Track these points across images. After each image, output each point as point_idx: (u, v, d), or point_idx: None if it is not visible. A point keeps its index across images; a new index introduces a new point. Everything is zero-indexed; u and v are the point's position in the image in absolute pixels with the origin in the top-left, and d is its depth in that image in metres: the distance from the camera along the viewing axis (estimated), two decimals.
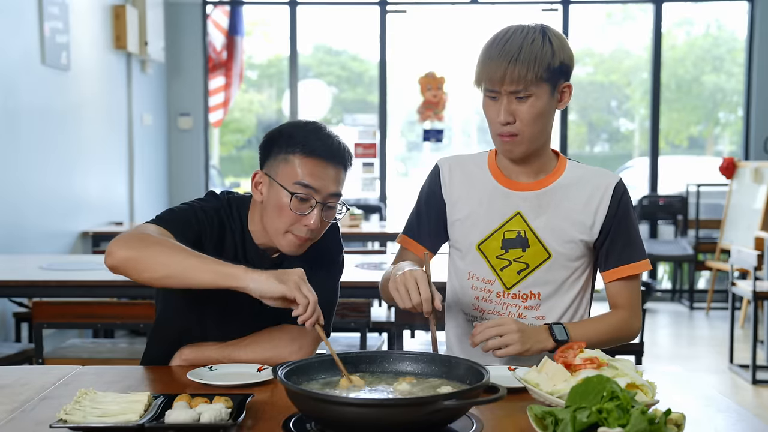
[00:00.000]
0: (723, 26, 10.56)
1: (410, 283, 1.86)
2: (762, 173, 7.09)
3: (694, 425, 1.53)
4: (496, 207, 2.13)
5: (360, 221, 6.21)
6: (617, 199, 2.10)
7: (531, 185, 2.12)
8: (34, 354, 3.38)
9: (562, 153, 2.22)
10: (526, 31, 2.00)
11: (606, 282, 2.17)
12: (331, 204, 2.02)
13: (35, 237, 5.49)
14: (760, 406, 4.80)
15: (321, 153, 1.99)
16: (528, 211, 2.11)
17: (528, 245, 2.10)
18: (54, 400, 1.73)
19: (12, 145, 5.19)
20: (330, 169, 2.00)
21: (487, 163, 2.19)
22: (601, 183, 2.11)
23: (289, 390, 1.48)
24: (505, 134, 2.03)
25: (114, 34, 6.76)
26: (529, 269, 2.10)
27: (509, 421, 1.58)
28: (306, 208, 1.98)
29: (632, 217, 2.14)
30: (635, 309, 2.17)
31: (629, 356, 3.72)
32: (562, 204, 2.10)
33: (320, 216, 1.99)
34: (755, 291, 5.16)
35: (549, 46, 1.99)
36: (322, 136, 2.02)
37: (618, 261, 2.12)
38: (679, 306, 8.09)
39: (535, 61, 1.96)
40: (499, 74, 1.97)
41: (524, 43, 1.97)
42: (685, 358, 6.10)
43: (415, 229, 2.23)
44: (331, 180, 2.00)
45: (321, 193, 1.99)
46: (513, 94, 1.99)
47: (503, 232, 2.11)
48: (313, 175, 1.98)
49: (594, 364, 1.63)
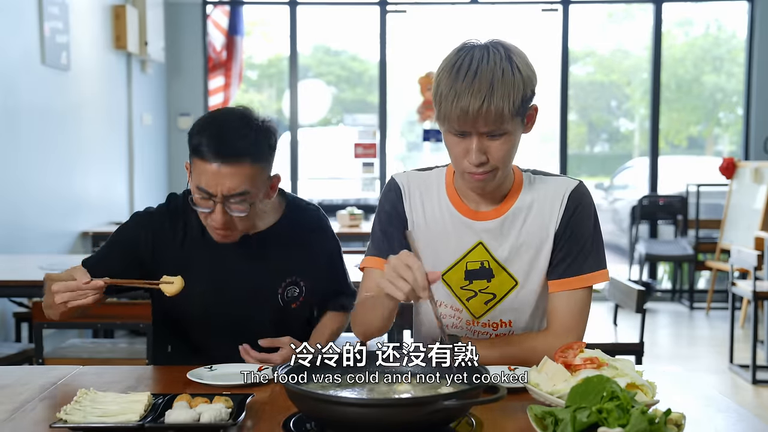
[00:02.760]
0: (723, 26, 10.55)
1: (401, 268, 1.68)
2: (762, 173, 7.09)
3: (694, 425, 1.53)
4: (456, 237, 1.99)
5: (360, 221, 6.20)
6: (573, 205, 1.97)
7: (491, 213, 1.98)
8: (34, 354, 3.38)
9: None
10: (492, 60, 1.79)
11: (549, 292, 2.00)
12: (235, 201, 2.00)
13: (35, 237, 5.49)
14: (760, 406, 4.80)
15: (209, 156, 1.97)
16: (490, 240, 1.98)
17: (492, 275, 1.98)
18: (54, 400, 1.73)
19: (12, 144, 5.19)
20: (223, 170, 1.97)
21: (445, 185, 2.03)
22: (558, 192, 1.98)
23: (289, 390, 1.48)
24: (476, 173, 1.86)
25: (114, 34, 6.76)
26: (497, 299, 2.00)
27: (509, 421, 1.58)
28: (208, 206, 2.01)
29: (589, 223, 1.98)
30: (568, 332, 1.95)
31: (629, 356, 3.73)
32: (523, 228, 1.98)
33: (223, 213, 2.00)
34: (755, 291, 5.16)
35: (519, 75, 1.80)
36: (219, 134, 1.99)
37: (566, 272, 1.97)
38: (679, 306, 8.09)
39: (509, 97, 1.78)
40: (472, 114, 1.77)
41: (495, 77, 1.77)
42: (685, 358, 6.10)
43: (385, 249, 2.01)
44: (224, 181, 1.97)
45: (218, 195, 1.99)
46: (486, 134, 1.82)
47: (465, 263, 1.99)
48: (207, 179, 1.98)
49: (594, 364, 1.63)
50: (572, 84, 8.61)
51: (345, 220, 6.14)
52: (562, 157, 8.13)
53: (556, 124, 8.17)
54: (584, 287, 1.98)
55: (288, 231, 2.21)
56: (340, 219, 6.15)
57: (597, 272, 1.98)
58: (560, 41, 8.04)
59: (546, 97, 8.22)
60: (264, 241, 2.17)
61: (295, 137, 8.22)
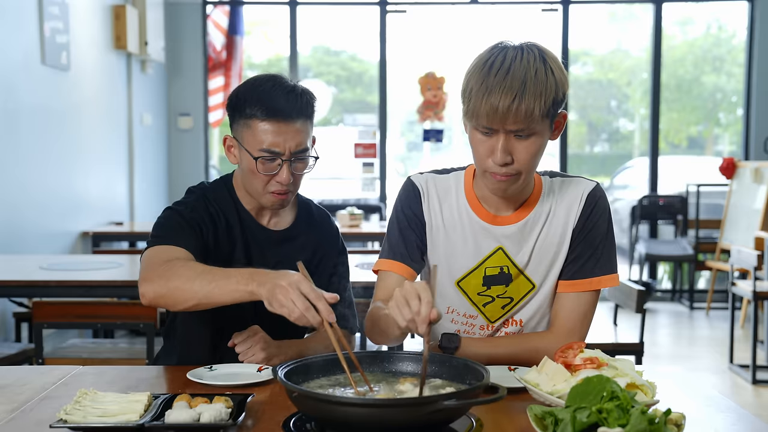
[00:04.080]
0: (723, 26, 10.56)
1: (411, 295, 1.58)
2: (762, 173, 7.09)
3: (694, 425, 1.53)
4: (475, 242, 1.97)
5: (360, 221, 6.20)
6: (590, 206, 1.95)
7: (512, 218, 1.96)
8: (34, 354, 3.38)
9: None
10: (526, 59, 1.77)
11: (558, 292, 1.99)
12: (300, 157, 2.06)
13: (35, 237, 5.49)
14: (760, 406, 4.80)
15: (277, 114, 2.01)
16: (510, 245, 1.96)
17: (511, 279, 1.96)
18: (54, 400, 1.73)
19: (12, 144, 5.19)
20: (290, 127, 2.03)
21: (464, 189, 2.01)
22: (576, 195, 1.96)
23: (289, 390, 1.48)
24: (500, 174, 1.83)
25: (114, 34, 6.76)
26: (514, 302, 1.98)
27: (509, 421, 1.57)
28: (274, 167, 2.04)
29: (603, 226, 1.96)
30: (570, 333, 1.95)
31: (629, 356, 3.73)
32: (542, 232, 1.96)
33: (289, 171, 2.04)
34: (755, 291, 5.16)
35: (552, 77, 1.78)
36: (275, 94, 2.03)
37: (576, 273, 1.96)
38: (679, 306, 8.09)
39: (541, 97, 1.75)
40: (502, 111, 1.74)
41: (528, 76, 1.75)
42: (685, 358, 6.10)
43: (403, 251, 1.99)
44: (292, 137, 2.03)
45: (285, 153, 2.03)
46: (513, 133, 1.79)
47: (484, 268, 1.96)
48: (274, 138, 2.02)
49: (594, 364, 1.63)
50: (572, 84, 8.60)
51: (345, 220, 6.14)
52: (562, 156, 8.12)
53: None
54: (592, 290, 1.97)
55: (302, 231, 2.23)
56: (340, 219, 6.16)
57: (607, 276, 1.97)
58: (560, 41, 8.04)
59: None
60: (283, 240, 2.19)
61: None
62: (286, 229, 2.21)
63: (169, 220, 2.07)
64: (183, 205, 2.11)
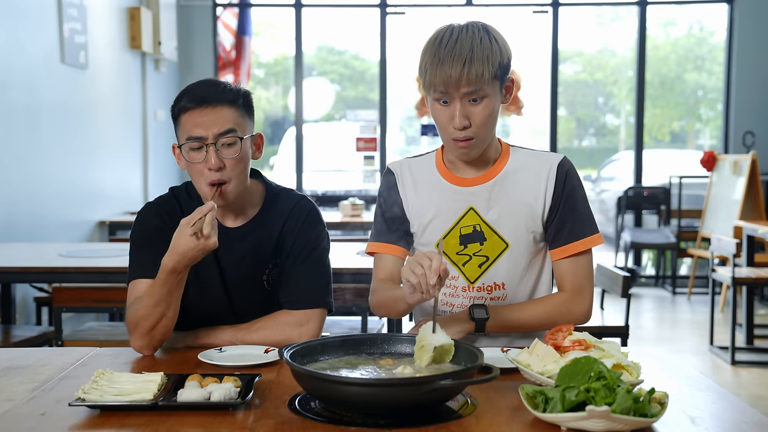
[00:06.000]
0: (704, 27, 10.53)
1: (421, 257, 1.67)
2: (740, 166, 7.08)
3: (676, 403, 1.53)
4: (448, 205, 2.05)
5: (361, 211, 6.20)
6: (562, 175, 2.02)
7: (479, 179, 2.04)
8: (54, 336, 3.38)
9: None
10: (471, 31, 1.91)
11: (554, 260, 2.06)
12: (226, 141, 1.99)
13: (55, 226, 5.49)
14: (739, 386, 4.80)
15: (199, 101, 1.98)
16: (480, 204, 2.03)
17: (485, 238, 2.02)
18: (72, 379, 1.73)
19: (33, 139, 5.18)
20: (213, 112, 1.98)
21: (435, 162, 2.11)
22: (545, 164, 2.03)
23: (294, 370, 1.48)
24: (460, 139, 1.93)
25: (129, 34, 6.74)
26: (490, 261, 2.03)
27: (502, 399, 1.57)
28: (201, 155, 1.98)
29: (579, 192, 2.04)
30: (581, 291, 2.03)
31: (615, 338, 3.73)
32: (511, 192, 2.02)
33: (217, 156, 1.97)
34: (734, 277, 5.16)
35: (497, 44, 1.91)
36: (199, 85, 2.02)
37: (567, 238, 2.02)
38: (662, 291, 8.10)
39: (488, 60, 1.87)
40: (455, 76, 1.86)
41: (474, 44, 1.88)
42: (667, 341, 6.10)
43: (386, 233, 2.11)
44: (215, 121, 1.97)
45: (209, 137, 1.97)
46: (468, 96, 1.89)
47: (459, 228, 2.04)
48: (193, 126, 1.98)
49: (582, 345, 1.63)
50: (561, 82, 8.58)
51: (347, 209, 6.13)
52: (552, 150, 8.08)
53: (546, 119, 8.15)
54: (585, 250, 2.03)
55: (268, 219, 2.13)
56: (343, 209, 6.15)
57: (594, 236, 2.04)
58: (550, 41, 8.01)
59: (536, 94, 8.21)
60: (246, 234, 2.12)
61: (300, 132, 8.21)
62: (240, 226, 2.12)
63: (131, 254, 2.09)
64: (135, 232, 2.11)
